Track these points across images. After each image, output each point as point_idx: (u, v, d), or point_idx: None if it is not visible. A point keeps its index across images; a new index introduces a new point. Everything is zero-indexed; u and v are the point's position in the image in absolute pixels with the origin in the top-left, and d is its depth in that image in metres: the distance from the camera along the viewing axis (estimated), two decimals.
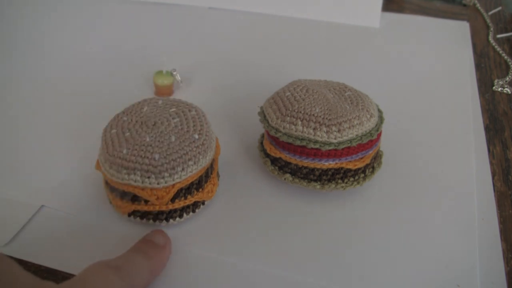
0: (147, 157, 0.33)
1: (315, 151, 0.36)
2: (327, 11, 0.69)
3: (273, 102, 0.39)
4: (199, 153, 0.34)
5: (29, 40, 0.63)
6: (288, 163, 0.38)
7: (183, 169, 0.34)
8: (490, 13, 0.73)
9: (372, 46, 0.63)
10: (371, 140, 0.37)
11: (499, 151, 0.46)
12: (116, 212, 0.37)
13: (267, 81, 0.54)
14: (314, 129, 0.36)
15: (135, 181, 0.33)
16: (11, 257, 0.33)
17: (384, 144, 0.44)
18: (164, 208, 0.35)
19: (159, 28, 0.67)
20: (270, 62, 0.59)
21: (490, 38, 0.66)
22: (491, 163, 0.44)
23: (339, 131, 0.36)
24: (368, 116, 0.37)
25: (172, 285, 0.33)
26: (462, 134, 0.47)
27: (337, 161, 0.37)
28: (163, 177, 0.33)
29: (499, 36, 0.67)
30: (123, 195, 0.35)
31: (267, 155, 0.40)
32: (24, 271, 0.26)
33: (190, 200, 0.36)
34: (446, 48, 0.62)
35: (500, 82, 0.56)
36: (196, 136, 0.35)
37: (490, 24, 0.70)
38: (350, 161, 0.37)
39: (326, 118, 0.36)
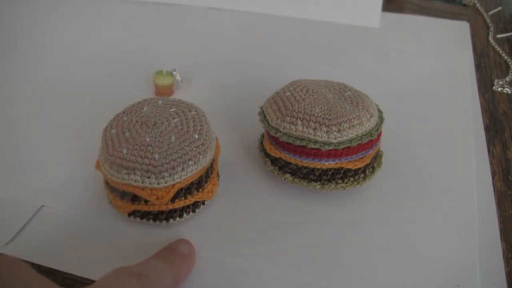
0: (147, 157, 0.33)
1: (315, 151, 0.36)
2: (327, 11, 0.69)
3: (273, 102, 0.39)
4: (199, 153, 0.34)
5: (29, 40, 0.63)
6: (288, 163, 0.38)
7: (183, 169, 0.34)
8: (490, 13, 0.73)
9: (372, 46, 0.63)
10: (371, 140, 0.37)
11: (499, 151, 0.46)
12: (116, 212, 0.37)
13: (267, 81, 0.54)
14: (314, 129, 0.36)
15: (135, 181, 0.33)
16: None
17: (384, 144, 0.44)
18: (164, 208, 0.35)
19: (159, 28, 0.67)
20: (270, 62, 0.59)
21: (490, 38, 0.66)
22: (491, 163, 0.44)
23: (339, 131, 0.36)
24: (368, 116, 0.37)
25: None
26: (462, 134, 0.47)
27: (337, 161, 0.37)
28: (163, 177, 0.33)
29: (499, 36, 0.67)
30: (123, 195, 0.35)
31: (267, 155, 0.40)
32: (40, 275, 0.25)
33: (190, 200, 0.36)
34: (446, 48, 0.62)
35: (500, 82, 0.56)
36: (196, 136, 0.35)
37: (490, 24, 0.70)
38: (350, 161, 0.37)
39: (326, 118, 0.36)
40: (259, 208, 0.39)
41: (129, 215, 0.36)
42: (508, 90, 0.55)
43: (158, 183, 0.33)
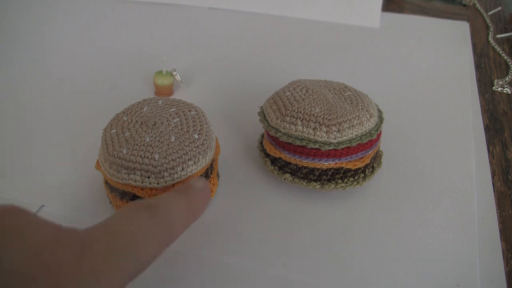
0: (147, 157, 0.33)
1: (315, 151, 0.36)
2: (327, 11, 0.69)
3: (273, 102, 0.39)
4: (199, 153, 0.34)
5: (29, 40, 0.63)
6: (288, 163, 0.38)
7: (182, 169, 0.34)
8: (490, 13, 0.73)
9: (372, 46, 0.63)
10: (370, 140, 0.37)
11: (499, 151, 0.46)
12: None
13: (267, 81, 0.54)
14: (314, 129, 0.36)
15: (135, 181, 0.33)
16: None
17: (384, 144, 0.44)
18: None
19: (159, 28, 0.67)
20: (270, 62, 0.59)
21: (490, 38, 0.66)
22: (491, 163, 0.44)
23: (339, 131, 0.36)
24: (368, 116, 0.37)
25: (172, 284, 0.33)
26: (462, 134, 0.47)
27: (336, 161, 0.37)
28: (163, 177, 0.33)
29: (499, 36, 0.67)
30: (123, 195, 0.35)
31: (267, 155, 0.40)
32: (45, 220, 0.24)
33: None
34: (446, 48, 0.62)
35: (500, 82, 0.56)
36: (196, 136, 0.35)
37: (490, 24, 0.70)
38: (350, 161, 0.37)
39: (326, 118, 0.36)
40: (259, 208, 0.39)
41: None
42: (508, 90, 0.55)
43: (158, 183, 0.33)
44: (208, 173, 0.37)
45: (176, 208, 0.27)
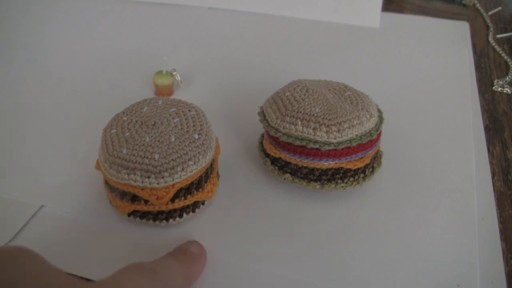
0: (147, 157, 0.33)
1: (315, 151, 0.36)
2: (327, 11, 0.69)
3: (273, 102, 0.39)
4: (199, 153, 0.34)
5: (29, 40, 0.63)
6: (288, 163, 0.38)
7: (183, 169, 0.34)
8: (490, 13, 0.73)
9: (372, 46, 0.63)
10: (370, 140, 0.37)
11: (499, 151, 0.46)
12: (116, 212, 0.37)
13: (267, 81, 0.54)
14: (314, 129, 0.36)
15: (135, 181, 0.33)
16: None
17: (384, 144, 0.44)
18: (164, 208, 0.35)
19: (159, 28, 0.67)
20: (270, 62, 0.59)
21: (490, 38, 0.66)
22: (491, 163, 0.44)
23: (339, 131, 0.36)
24: (368, 116, 0.37)
25: None
26: (462, 134, 0.47)
27: (336, 161, 0.37)
28: (163, 177, 0.33)
29: (499, 36, 0.67)
30: (123, 195, 0.35)
31: (267, 155, 0.40)
32: (55, 268, 0.25)
33: (190, 200, 0.36)
34: (446, 48, 0.62)
35: (500, 82, 0.56)
36: (196, 136, 0.35)
37: (490, 24, 0.70)
38: (349, 161, 0.37)
39: (326, 118, 0.36)
40: (259, 208, 0.39)
41: (129, 215, 0.36)
42: (508, 90, 0.55)
43: (158, 183, 0.33)
44: (208, 173, 0.37)
45: (175, 277, 0.29)
